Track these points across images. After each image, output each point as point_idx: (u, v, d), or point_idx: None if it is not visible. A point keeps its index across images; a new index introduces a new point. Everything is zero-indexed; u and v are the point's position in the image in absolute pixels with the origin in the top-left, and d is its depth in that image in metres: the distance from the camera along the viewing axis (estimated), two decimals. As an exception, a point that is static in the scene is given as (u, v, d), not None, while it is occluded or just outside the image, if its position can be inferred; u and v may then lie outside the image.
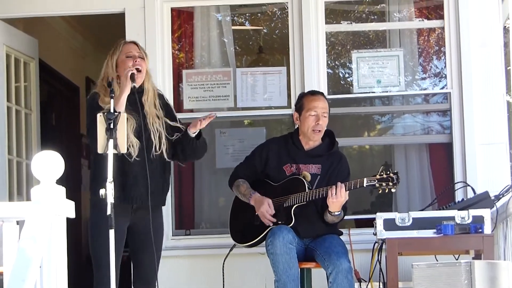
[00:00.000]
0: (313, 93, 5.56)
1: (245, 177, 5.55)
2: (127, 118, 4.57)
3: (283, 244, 5.11)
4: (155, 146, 4.91)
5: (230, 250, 5.60)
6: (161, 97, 5.16)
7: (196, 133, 5.02)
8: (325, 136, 5.53)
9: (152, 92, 5.06)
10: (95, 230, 4.82)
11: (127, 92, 4.81)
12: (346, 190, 5.18)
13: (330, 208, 5.23)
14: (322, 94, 5.57)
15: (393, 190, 5.20)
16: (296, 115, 5.52)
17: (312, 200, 5.27)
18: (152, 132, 4.92)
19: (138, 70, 4.93)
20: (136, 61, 4.96)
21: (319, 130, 5.43)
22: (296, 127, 5.59)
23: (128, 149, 4.67)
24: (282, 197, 5.37)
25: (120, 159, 4.67)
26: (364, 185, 5.19)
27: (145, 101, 4.96)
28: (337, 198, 5.16)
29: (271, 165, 5.50)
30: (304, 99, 5.50)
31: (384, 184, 5.17)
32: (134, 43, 5.14)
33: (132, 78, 4.83)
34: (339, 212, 5.27)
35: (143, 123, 4.88)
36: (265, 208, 5.34)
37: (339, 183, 5.18)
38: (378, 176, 5.18)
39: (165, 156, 4.99)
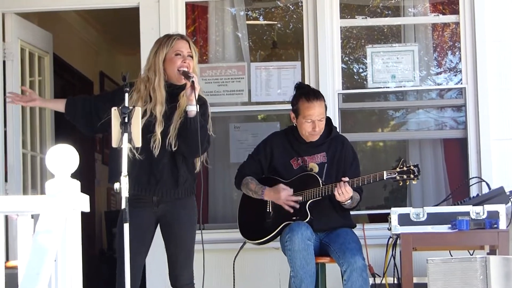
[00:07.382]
0: (308, 98, 5.33)
1: (252, 174, 5.49)
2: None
3: (302, 241, 5.09)
4: (170, 139, 4.85)
5: (241, 248, 5.58)
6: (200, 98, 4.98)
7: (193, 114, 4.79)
8: None
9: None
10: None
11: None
12: (364, 184, 5.19)
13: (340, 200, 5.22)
14: (316, 97, 5.34)
15: (414, 182, 5.20)
16: (292, 115, 5.42)
17: (327, 195, 5.24)
18: (172, 125, 4.86)
19: (186, 74, 4.82)
20: (185, 61, 4.89)
21: (317, 134, 5.38)
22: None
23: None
24: (295, 194, 5.34)
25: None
26: (384, 178, 5.18)
27: (181, 96, 4.88)
28: (345, 196, 5.15)
29: (277, 159, 5.47)
30: (300, 104, 5.34)
31: (405, 176, 5.15)
32: (186, 40, 5.01)
33: (186, 75, 4.78)
34: (350, 201, 5.22)
35: (169, 115, 4.84)
36: (285, 194, 5.32)
37: (341, 181, 5.16)
38: (398, 169, 5.17)
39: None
